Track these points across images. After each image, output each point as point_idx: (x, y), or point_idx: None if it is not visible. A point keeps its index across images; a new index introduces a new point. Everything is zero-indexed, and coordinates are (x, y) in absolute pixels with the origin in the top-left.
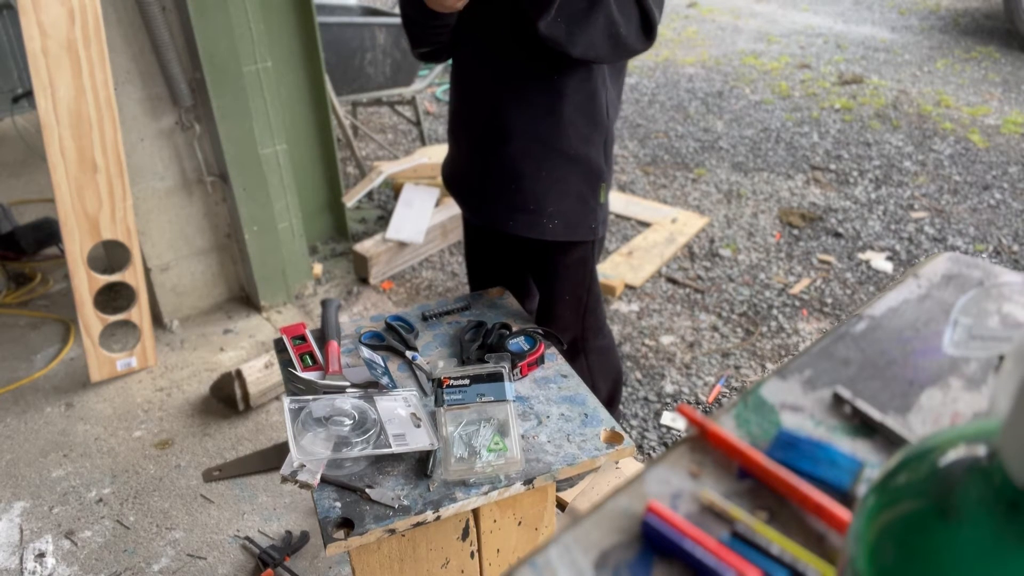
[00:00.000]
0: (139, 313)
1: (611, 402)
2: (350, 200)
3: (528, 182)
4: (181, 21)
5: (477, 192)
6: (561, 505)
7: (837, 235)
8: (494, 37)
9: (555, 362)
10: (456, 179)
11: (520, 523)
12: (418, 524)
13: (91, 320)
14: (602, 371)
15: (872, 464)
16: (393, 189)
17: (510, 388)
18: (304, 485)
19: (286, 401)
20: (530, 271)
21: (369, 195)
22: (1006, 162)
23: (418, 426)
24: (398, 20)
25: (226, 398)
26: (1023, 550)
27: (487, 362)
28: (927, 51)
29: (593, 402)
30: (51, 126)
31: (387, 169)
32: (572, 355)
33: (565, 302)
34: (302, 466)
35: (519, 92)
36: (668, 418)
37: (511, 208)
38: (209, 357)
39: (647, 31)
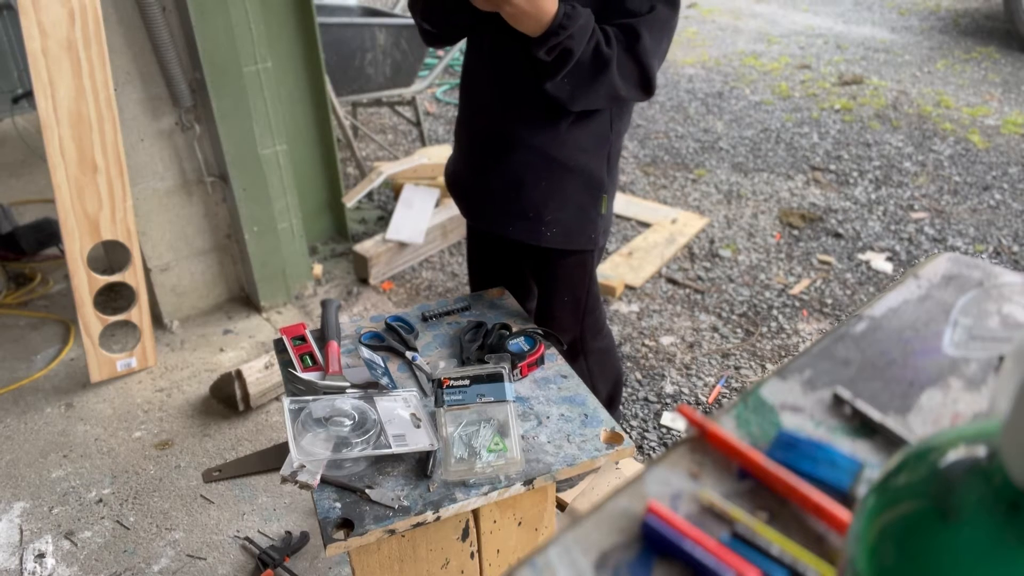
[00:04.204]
0: (139, 313)
1: (611, 403)
2: (350, 200)
3: (528, 190)
4: (181, 22)
5: (478, 197)
6: (561, 505)
7: (837, 235)
8: (500, 50)
9: (555, 363)
10: (458, 182)
11: (520, 523)
12: (418, 524)
13: (91, 320)
14: (602, 373)
15: (872, 465)
16: (393, 190)
17: (510, 388)
18: (304, 486)
19: (286, 402)
20: (530, 272)
21: (369, 195)
22: (1006, 163)
23: (418, 426)
24: (398, 20)
25: (226, 398)
26: (1023, 551)
27: (487, 362)
28: (927, 51)
29: (593, 402)
30: (51, 126)
31: (387, 170)
32: (571, 357)
33: (564, 303)
34: (302, 466)
35: (522, 103)
36: (668, 419)
37: (510, 215)
38: (209, 357)
39: (645, 87)
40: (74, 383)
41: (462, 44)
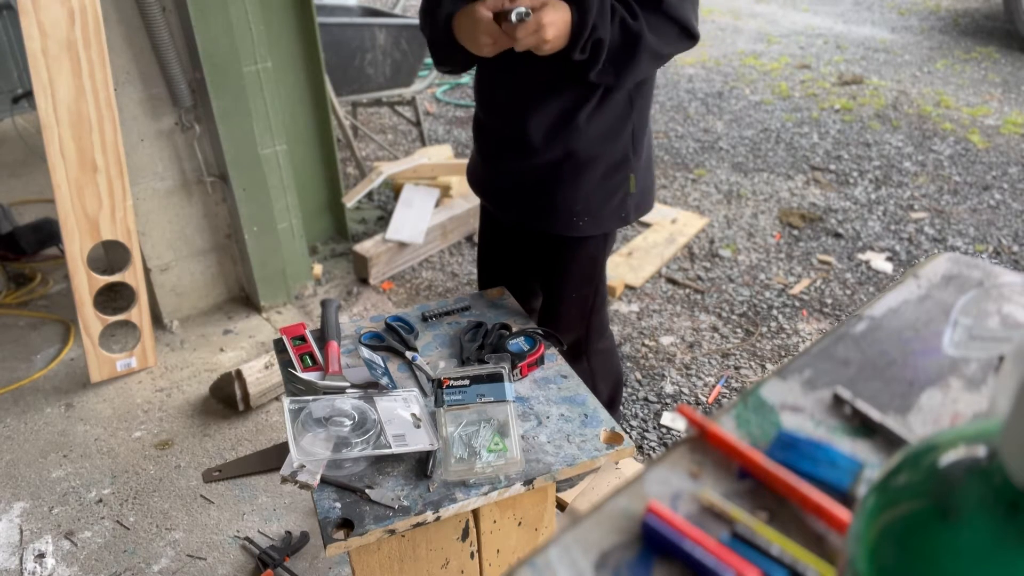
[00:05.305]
0: (139, 313)
1: (611, 404)
2: (350, 200)
3: (555, 189)
4: (181, 21)
5: (506, 198)
6: (561, 505)
7: (837, 235)
8: (516, 56)
9: (555, 363)
10: (484, 185)
11: (520, 523)
12: (418, 524)
13: (91, 320)
14: (603, 373)
15: (872, 465)
16: (393, 190)
17: (510, 388)
18: (304, 486)
19: (286, 401)
20: (538, 269)
21: (369, 195)
22: (1006, 162)
23: (418, 427)
24: (398, 20)
25: (226, 398)
26: (1023, 550)
27: (487, 362)
28: (927, 51)
29: (593, 402)
30: (51, 126)
31: (387, 169)
32: (574, 356)
33: (571, 300)
34: (302, 466)
35: (541, 106)
36: (668, 419)
37: (542, 211)
38: (209, 357)
39: (688, 37)
40: (74, 383)
41: None
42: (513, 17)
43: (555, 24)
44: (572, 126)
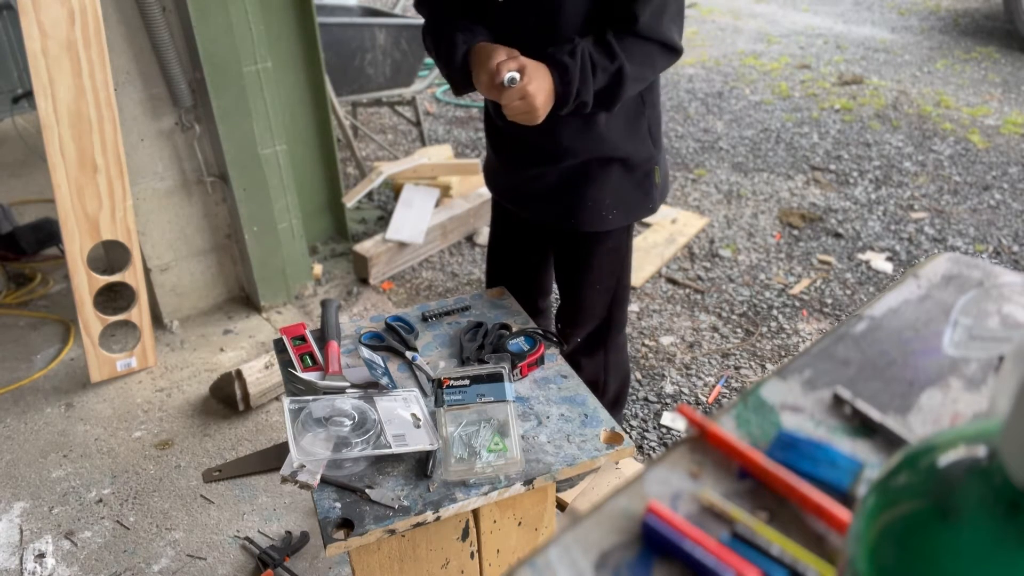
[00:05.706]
0: (139, 313)
1: (617, 401)
2: (350, 200)
3: (585, 185)
4: (181, 21)
5: (532, 200)
6: (561, 505)
7: (837, 235)
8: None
9: (555, 363)
10: (506, 188)
11: (520, 523)
12: (418, 524)
13: (91, 320)
14: (615, 369)
15: (872, 465)
16: (393, 190)
17: (510, 388)
18: (304, 485)
19: (286, 401)
20: (559, 264)
21: (369, 195)
22: (1006, 162)
23: (418, 426)
24: (398, 20)
25: (226, 398)
26: (1023, 551)
27: (487, 362)
28: (927, 51)
29: (593, 402)
30: (51, 126)
31: (387, 169)
32: (592, 349)
33: (596, 292)
34: (302, 466)
35: (560, 115)
36: (668, 418)
37: (572, 209)
38: (209, 357)
39: (670, 52)
40: (74, 383)
41: None
42: (505, 80)
43: (539, 93)
44: (594, 132)
